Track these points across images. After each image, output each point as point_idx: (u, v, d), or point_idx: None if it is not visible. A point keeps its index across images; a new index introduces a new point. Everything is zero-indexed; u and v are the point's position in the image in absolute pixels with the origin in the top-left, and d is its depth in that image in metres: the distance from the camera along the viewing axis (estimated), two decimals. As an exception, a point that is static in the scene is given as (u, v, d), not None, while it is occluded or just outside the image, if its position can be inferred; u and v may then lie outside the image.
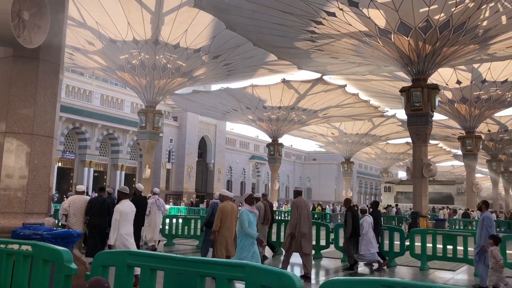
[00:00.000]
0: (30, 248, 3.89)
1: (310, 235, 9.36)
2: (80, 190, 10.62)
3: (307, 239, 9.18)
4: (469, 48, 19.71)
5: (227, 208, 8.09)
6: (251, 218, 7.29)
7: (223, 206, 8.15)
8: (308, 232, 9.23)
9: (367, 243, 10.37)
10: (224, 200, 8.44)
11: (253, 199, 7.75)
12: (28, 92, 6.49)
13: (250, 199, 7.63)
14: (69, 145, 43.93)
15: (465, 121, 31.82)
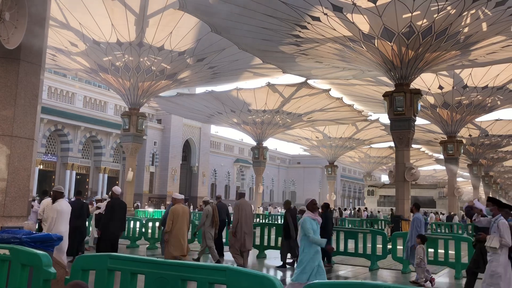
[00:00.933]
0: (7, 252, 3.82)
1: (250, 234, 10.31)
2: None
3: (249, 237, 10.17)
4: (450, 54, 20.02)
5: (178, 210, 8.83)
6: (314, 226, 6.74)
7: (175, 208, 8.91)
8: (248, 231, 10.19)
9: None
10: (176, 202, 9.18)
11: (316, 206, 6.98)
12: (8, 93, 6.39)
13: (313, 205, 6.95)
14: (50, 148, 43.34)
15: (447, 126, 32.28)
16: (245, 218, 10.15)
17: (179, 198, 9.35)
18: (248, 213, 10.34)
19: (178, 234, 8.64)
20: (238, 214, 10.13)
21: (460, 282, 9.99)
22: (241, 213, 10.14)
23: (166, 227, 8.80)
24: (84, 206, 10.94)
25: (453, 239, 11.29)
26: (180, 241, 8.64)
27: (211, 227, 11.14)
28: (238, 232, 10.06)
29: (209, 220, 11.09)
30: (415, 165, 21.70)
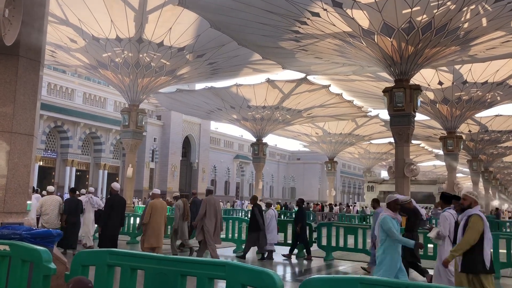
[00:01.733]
0: (7, 248, 3.83)
1: (218, 229, 10.78)
2: (51, 191, 11.65)
3: (216, 232, 10.66)
4: (450, 50, 19.99)
5: (156, 204, 9.55)
6: (396, 225, 6.31)
7: (153, 203, 9.60)
8: (214, 226, 10.63)
9: (269, 234, 11.60)
10: (155, 197, 9.87)
11: (397, 205, 6.68)
12: (7, 90, 6.39)
13: (394, 204, 6.62)
14: (50, 144, 43.34)
15: (447, 122, 32.27)
16: (214, 213, 10.61)
17: (157, 194, 10.08)
18: (215, 209, 10.76)
19: (154, 226, 9.32)
20: (204, 209, 10.57)
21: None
22: (208, 208, 10.56)
23: (144, 219, 9.45)
24: (79, 203, 11.52)
25: (452, 234, 11.30)
26: (156, 232, 9.34)
27: (183, 220, 11.78)
28: (205, 227, 10.44)
29: (181, 215, 11.76)
30: (414, 161, 21.71)
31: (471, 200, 5.66)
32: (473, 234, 5.35)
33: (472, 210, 5.60)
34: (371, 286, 2.57)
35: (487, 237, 5.42)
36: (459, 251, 5.40)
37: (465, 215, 5.59)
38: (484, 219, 5.51)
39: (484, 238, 5.38)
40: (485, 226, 5.44)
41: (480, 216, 5.48)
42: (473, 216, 5.47)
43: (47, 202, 10.95)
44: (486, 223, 5.51)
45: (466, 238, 5.35)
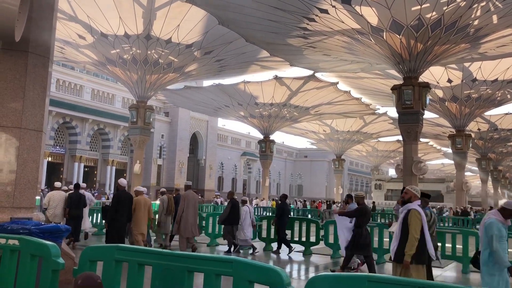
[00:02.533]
0: (17, 243, 3.86)
1: (195, 222, 11.17)
2: (57, 186, 12.42)
3: (194, 225, 11.04)
4: (460, 47, 19.84)
5: (139, 201, 10.14)
6: (503, 231, 5.34)
7: (137, 199, 10.14)
8: (193, 220, 11.06)
9: (243, 229, 11.85)
10: (139, 194, 10.36)
11: None
12: (17, 85, 6.42)
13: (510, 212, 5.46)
14: (59, 140, 43.63)
15: (456, 120, 32.07)
16: (193, 207, 11.12)
17: (140, 191, 10.61)
18: (193, 204, 11.17)
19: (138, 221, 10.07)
20: (184, 204, 10.98)
21: (467, 276, 9.96)
22: (186, 203, 10.97)
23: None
24: (82, 198, 12.02)
25: (460, 233, 11.24)
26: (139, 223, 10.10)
27: (166, 216, 12.26)
28: (183, 221, 10.91)
29: (164, 209, 12.21)
30: (423, 159, 21.60)
31: (411, 194, 5.84)
32: (417, 229, 5.56)
33: (412, 204, 5.77)
34: (379, 284, 2.55)
35: (426, 229, 5.67)
36: (412, 249, 5.55)
37: (405, 209, 5.77)
38: (422, 213, 5.73)
39: (423, 231, 5.61)
40: (423, 220, 5.66)
41: (417, 210, 5.68)
42: (411, 210, 5.65)
43: (54, 197, 11.54)
44: (424, 217, 5.71)
45: (411, 235, 5.54)
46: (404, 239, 5.61)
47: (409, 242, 5.57)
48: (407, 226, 5.63)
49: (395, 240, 5.89)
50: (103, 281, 3.43)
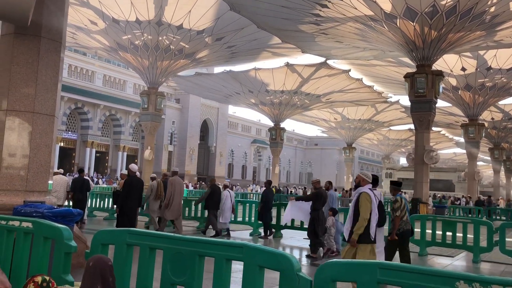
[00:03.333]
0: (30, 225, 3.91)
1: (180, 206, 12.08)
2: (59, 172, 13.16)
3: (179, 208, 11.93)
4: (475, 35, 19.50)
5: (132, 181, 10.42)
6: None
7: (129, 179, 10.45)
8: (179, 203, 11.96)
9: (223, 212, 12.40)
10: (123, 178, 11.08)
11: None
12: (30, 70, 6.46)
13: None
14: (71, 125, 44.00)
15: (469, 109, 31.67)
16: (179, 193, 11.95)
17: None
18: (179, 189, 12.00)
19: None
20: (172, 189, 11.76)
21: (478, 266, 9.92)
22: (173, 188, 11.76)
23: None
24: (85, 182, 12.72)
25: (472, 222, 11.17)
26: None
27: (155, 200, 12.64)
28: (171, 204, 11.68)
29: (153, 194, 12.59)
30: (434, 148, 21.42)
31: (361, 179, 6.29)
32: (366, 210, 5.97)
33: (363, 188, 6.18)
34: (390, 271, 2.54)
35: (374, 212, 6.07)
36: (360, 229, 5.94)
37: (357, 192, 6.19)
38: (372, 195, 6.12)
39: (371, 212, 6.03)
40: (372, 203, 6.04)
41: (367, 193, 6.08)
42: (362, 193, 6.06)
43: (56, 181, 12.35)
44: (373, 199, 6.09)
45: (361, 216, 5.95)
46: (356, 220, 6.00)
47: (358, 222, 5.97)
48: (359, 208, 6.02)
49: (348, 221, 6.26)
50: (115, 264, 3.47)
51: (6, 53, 6.53)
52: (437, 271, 2.45)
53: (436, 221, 11.60)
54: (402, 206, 7.72)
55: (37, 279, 3.01)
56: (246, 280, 2.93)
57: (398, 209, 7.70)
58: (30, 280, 3.02)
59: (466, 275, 2.35)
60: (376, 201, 6.62)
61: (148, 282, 3.43)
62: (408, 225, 7.85)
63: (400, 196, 7.86)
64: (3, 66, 6.53)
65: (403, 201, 7.81)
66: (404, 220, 7.72)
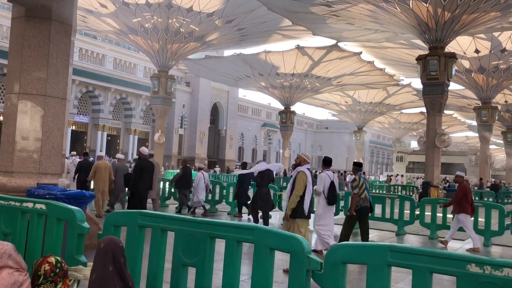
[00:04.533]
0: (44, 207, 3.96)
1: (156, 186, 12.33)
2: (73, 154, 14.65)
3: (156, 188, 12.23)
4: (489, 16, 19.13)
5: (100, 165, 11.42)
6: None
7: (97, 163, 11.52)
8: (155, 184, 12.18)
9: (196, 192, 12.96)
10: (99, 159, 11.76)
11: None
12: (41, 53, 6.47)
13: None
14: (82, 109, 44.26)
15: (482, 92, 31.25)
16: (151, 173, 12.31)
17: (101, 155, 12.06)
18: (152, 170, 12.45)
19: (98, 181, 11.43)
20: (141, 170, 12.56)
21: (488, 249, 9.89)
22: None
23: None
24: (90, 164, 12.79)
25: (483, 206, 11.11)
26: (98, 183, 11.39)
27: None
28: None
29: None
30: (446, 131, 21.25)
31: (301, 159, 6.82)
32: (300, 187, 6.42)
33: (301, 167, 6.67)
34: (401, 253, 2.54)
35: (308, 190, 6.53)
36: (292, 203, 6.44)
37: (296, 171, 6.61)
38: (308, 174, 6.60)
39: (306, 190, 6.48)
40: (308, 181, 6.50)
41: (304, 172, 6.56)
42: (299, 172, 6.52)
43: None
44: (309, 178, 6.58)
45: (295, 192, 6.43)
46: None
47: (291, 197, 6.47)
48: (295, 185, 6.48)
49: (286, 198, 6.74)
50: (127, 246, 3.51)
51: (17, 37, 6.54)
52: (449, 254, 2.45)
53: (447, 204, 11.56)
54: (360, 184, 8.19)
55: (50, 260, 3.06)
56: (256, 262, 2.95)
57: (356, 187, 8.20)
58: (44, 261, 3.07)
59: (477, 258, 2.35)
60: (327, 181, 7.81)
61: (160, 263, 3.47)
62: (366, 202, 8.29)
63: (359, 175, 8.40)
64: (15, 49, 6.55)
65: (361, 180, 8.29)
66: (362, 197, 8.21)
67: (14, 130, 6.41)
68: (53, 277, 3.02)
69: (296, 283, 2.75)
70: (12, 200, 4.17)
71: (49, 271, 3.00)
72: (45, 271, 3.00)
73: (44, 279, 3.01)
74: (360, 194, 8.20)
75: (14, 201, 4.16)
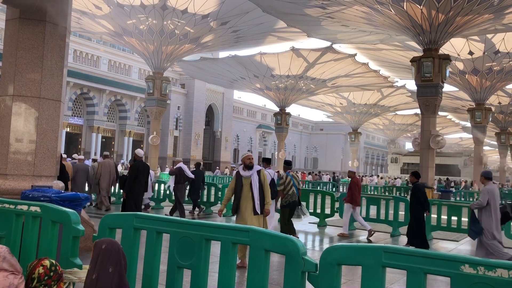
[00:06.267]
0: (38, 209, 3.95)
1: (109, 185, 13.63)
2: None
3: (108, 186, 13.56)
4: (483, 18, 19.25)
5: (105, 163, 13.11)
6: None
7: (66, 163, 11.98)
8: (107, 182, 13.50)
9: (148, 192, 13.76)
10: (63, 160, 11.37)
11: None
12: (35, 55, 6.46)
13: None
14: (77, 110, 44.10)
15: (476, 93, 31.42)
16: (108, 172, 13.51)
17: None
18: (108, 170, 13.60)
19: None
20: (101, 170, 13.54)
21: (482, 250, 9.94)
22: (103, 169, 13.54)
23: None
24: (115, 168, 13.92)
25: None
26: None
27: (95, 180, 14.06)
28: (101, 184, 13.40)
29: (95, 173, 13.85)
30: (441, 132, 21.34)
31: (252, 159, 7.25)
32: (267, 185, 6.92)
33: (258, 166, 7.15)
34: (395, 254, 2.56)
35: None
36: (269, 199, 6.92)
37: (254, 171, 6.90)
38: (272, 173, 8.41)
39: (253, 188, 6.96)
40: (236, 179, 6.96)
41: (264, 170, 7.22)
42: (261, 170, 6.98)
43: None
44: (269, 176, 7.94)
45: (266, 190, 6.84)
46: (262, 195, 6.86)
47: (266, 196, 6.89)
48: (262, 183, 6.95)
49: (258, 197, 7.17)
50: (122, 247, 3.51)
51: (11, 39, 6.52)
52: (442, 255, 2.47)
53: (441, 205, 11.61)
54: (287, 182, 9.12)
55: (45, 263, 3.05)
56: (252, 264, 2.96)
57: (283, 184, 9.11)
58: (38, 263, 3.06)
59: (471, 258, 2.37)
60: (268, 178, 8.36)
61: (155, 266, 3.48)
62: (294, 197, 9.20)
63: (287, 173, 9.26)
64: (9, 51, 6.53)
65: (288, 177, 9.19)
66: (290, 193, 9.13)
67: (8, 132, 6.38)
68: (47, 280, 3.01)
69: (291, 284, 2.76)
70: (7, 203, 4.15)
71: (43, 274, 2.99)
72: (39, 274, 2.99)
73: (38, 282, 3.00)
74: (288, 190, 9.14)
75: (8, 203, 4.14)
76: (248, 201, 6.79)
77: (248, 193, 6.81)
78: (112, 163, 14.10)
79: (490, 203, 7.75)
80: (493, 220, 7.74)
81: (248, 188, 6.81)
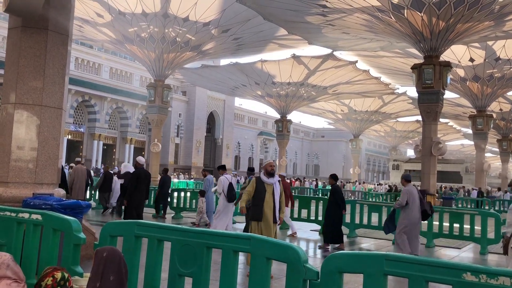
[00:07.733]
0: (40, 217, 3.95)
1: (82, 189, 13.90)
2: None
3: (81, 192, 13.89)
4: (483, 25, 19.31)
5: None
6: None
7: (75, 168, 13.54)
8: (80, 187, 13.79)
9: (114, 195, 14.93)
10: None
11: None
12: (37, 63, 6.49)
13: None
14: (78, 118, 44.20)
15: (477, 100, 31.43)
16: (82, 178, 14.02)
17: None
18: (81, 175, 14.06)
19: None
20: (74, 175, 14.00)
21: (485, 258, 9.91)
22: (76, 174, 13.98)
23: None
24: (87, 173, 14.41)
25: (479, 214, 11.14)
26: None
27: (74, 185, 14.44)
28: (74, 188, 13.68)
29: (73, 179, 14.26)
30: (442, 139, 21.32)
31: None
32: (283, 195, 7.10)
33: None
34: (397, 262, 2.55)
35: None
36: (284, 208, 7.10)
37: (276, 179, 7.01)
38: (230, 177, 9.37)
39: None
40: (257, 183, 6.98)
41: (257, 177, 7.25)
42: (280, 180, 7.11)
43: None
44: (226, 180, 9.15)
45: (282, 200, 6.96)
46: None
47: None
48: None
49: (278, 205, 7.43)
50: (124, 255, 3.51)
51: (13, 47, 6.56)
52: (444, 263, 2.46)
53: (443, 212, 11.58)
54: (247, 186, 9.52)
55: (57, 275, 3.03)
56: (253, 271, 2.95)
57: (244, 188, 9.47)
58: (51, 273, 3.04)
59: (473, 266, 2.36)
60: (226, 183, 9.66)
61: (156, 274, 3.47)
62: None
63: (250, 178, 9.67)
64: (11, 59, 6.56)
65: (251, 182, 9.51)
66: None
67: (10, 140, 6.40)
68: (53, 292, 3.01)
69: (292, 292, 2.75)
70: (8, 211, 4.15)
71: (50, 286, 2.99)
72: (46, 285, 2.99)
73: (44, 292, 3.00)
74: None
75: (9, 211, 4.14)
76: (270, 208, 6.77)
77: (270, 200, 6.79)
78: (85, 169, 14.66)
79: (409, 202, 8.69)
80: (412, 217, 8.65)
81: (270, 195, 6.80)
